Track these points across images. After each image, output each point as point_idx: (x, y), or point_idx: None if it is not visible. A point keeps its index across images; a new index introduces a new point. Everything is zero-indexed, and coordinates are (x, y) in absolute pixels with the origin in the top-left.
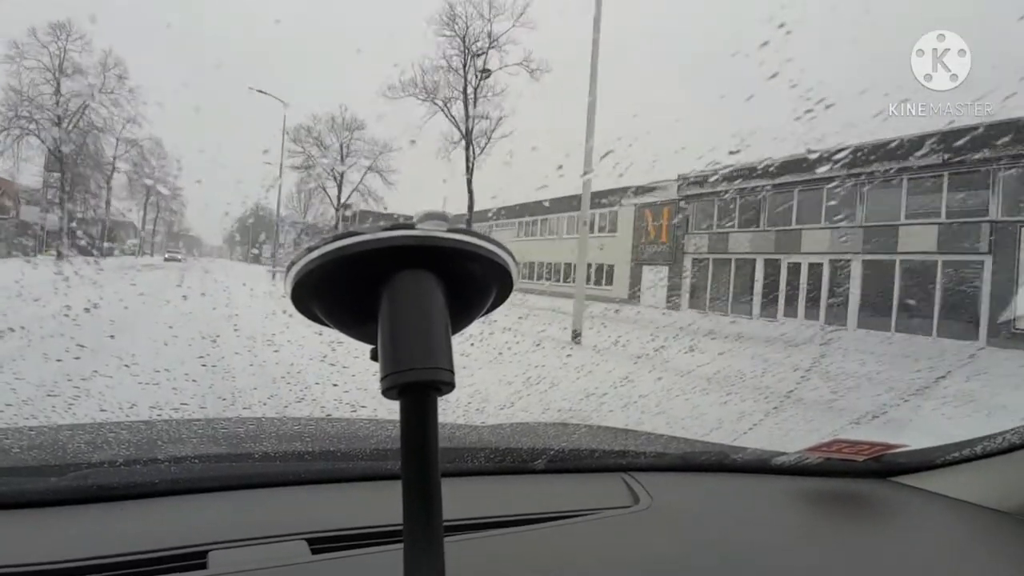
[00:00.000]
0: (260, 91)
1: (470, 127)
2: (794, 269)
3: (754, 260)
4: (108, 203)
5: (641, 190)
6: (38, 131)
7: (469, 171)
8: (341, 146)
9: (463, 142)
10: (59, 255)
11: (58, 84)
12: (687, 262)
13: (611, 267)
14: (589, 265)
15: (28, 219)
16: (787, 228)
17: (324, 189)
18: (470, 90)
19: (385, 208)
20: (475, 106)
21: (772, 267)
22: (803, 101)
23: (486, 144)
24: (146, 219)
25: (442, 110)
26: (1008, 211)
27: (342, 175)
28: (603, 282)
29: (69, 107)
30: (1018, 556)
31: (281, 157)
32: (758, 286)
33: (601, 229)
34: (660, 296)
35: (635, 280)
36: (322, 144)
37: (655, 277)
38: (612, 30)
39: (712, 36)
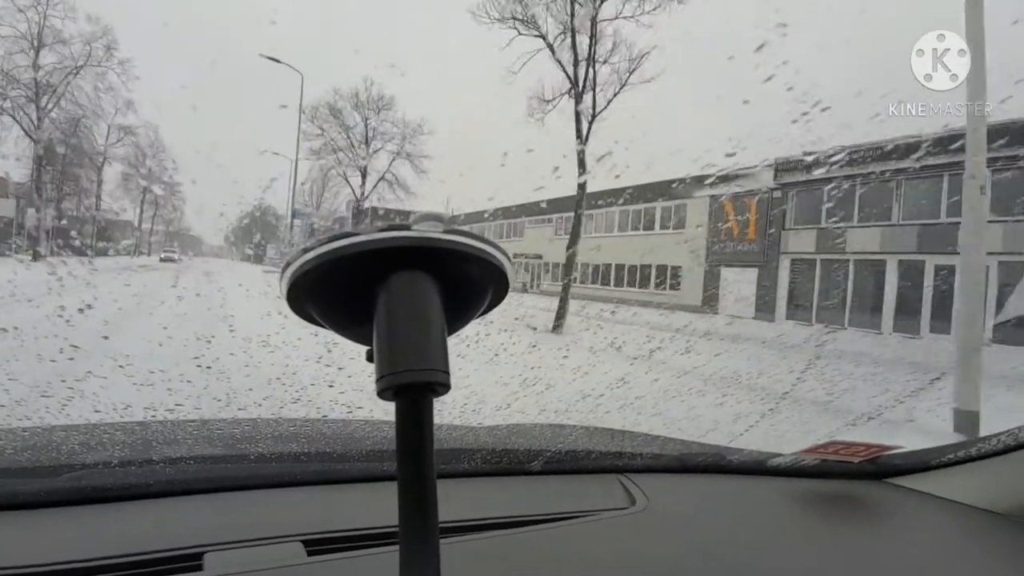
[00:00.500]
0: (272, 58)
1: (584, 75)
2: (944, 273)
3: (884, 262)
4: (99, 197)
5: (718, 179)
6: (12, 110)
7: (583, 137)
8: (366, 127)
9: (567, 96)
10: (35, 256)
11: (36, 55)
12: (784, 263)
13: (676, 269)
14: (648, 267)
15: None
16: (934, 222)
17: (346, 178)
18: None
19: (387, 208)
20: (597, 42)
21: (911, 270)
22: (798, 104)
23: (616, 93)
24: (143, 217)
25: (548, 47)
26: None
27: (366, 164)
28: (666, 286)
29: (51, 80)
30: (1012, 557)
31: (297, 139)
32: (890, 293)
33: (663, 226)
34: (746, 303)
35: (711, 284)
36: (344, 124)
37: (739, 281)
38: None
39: (712, 37)
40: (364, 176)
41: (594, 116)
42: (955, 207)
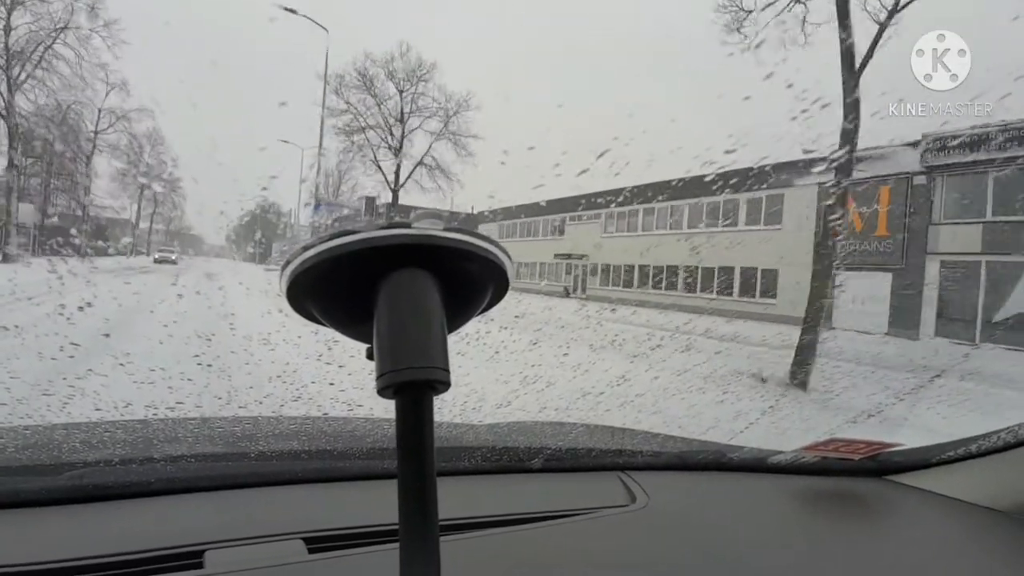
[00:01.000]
0: (289, 10)
1: None
2: None
3: None
4: (87, 190)
5: (832, 162)
6: None
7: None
8: (402, 99)
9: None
10: (5, 257)
11: (9, 15)
12: (932, 266)
13: (771, 272)
14: (729, 269)
15: None
16: None
17: (376, 163)
18: None
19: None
20: None
21: None
22: (798, 101)
23: None
24: (140, 215)
25: None
26: None
27: (401, 143)
28: (756, 293)
29: (27, 48)
30: (1012, 554)
31: (321, 116)
32: None
33: (751, 221)
34: (875, 316)
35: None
36: (376, 95)
37: (864, 288)
38: (608, 29)
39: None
40: (399, 157)
41: (891, 14)
42: None
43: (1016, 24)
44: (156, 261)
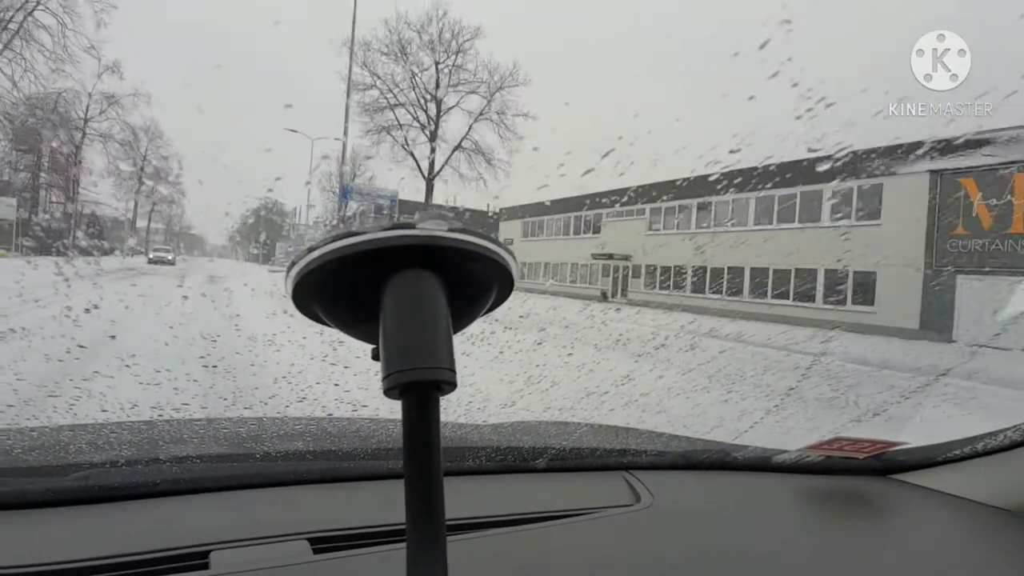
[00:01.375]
0: None
1: None
2: None
3: None
4: (77, 182)
5: (952, 146)
6: None
7: None
8: (438, 71)
9: None
10: None
11: None
12: None
13: (865, 275)
14: (810, 272)
15: None
16: None
17: (406, 147)
18: None
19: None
20: None
21: None
22: (803, 100)
23: None
24: (137, 212)
25: None
26: None
27: (436, 126)
28: (846, 299)
29: (5, 16)
30: (1018, 553)
31: (347, 89)
32: None
33: (839, 215)
34: (1013, 328)
35: (933, 297)
36: (408, 66)
37: (994, 294)
38: (609, 28)
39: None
40: (434, 137)
41: None
42: None
43: (1017, 23)
44: (151, 262)
